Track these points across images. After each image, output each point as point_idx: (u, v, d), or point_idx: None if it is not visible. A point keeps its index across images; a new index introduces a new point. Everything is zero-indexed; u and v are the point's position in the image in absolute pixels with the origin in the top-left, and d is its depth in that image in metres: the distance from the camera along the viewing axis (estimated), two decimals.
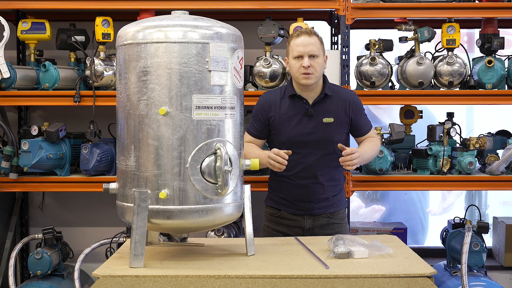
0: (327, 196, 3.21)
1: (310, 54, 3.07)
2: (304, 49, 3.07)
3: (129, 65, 2.40)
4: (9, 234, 4.12)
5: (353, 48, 4.05)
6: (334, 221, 3.23)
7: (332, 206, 3.23)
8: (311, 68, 3.07)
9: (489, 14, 3.88)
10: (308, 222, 3.21)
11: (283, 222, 3.24)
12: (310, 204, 3.19)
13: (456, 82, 3.88)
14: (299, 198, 3.19)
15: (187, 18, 2.44)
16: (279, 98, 3.20)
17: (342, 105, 3.17)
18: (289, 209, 3.22)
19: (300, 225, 3.21)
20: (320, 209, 3.21)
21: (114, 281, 2.27)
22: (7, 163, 3.75)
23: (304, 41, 3.08)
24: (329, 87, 3.19)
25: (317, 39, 3.11)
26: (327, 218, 3.22)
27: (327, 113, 3.15)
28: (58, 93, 3.80)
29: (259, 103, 3.26)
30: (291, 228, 3.21)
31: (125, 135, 2.44)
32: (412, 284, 2.28)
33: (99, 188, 2.61)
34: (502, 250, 4.39)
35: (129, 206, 2.42)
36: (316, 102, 3.15)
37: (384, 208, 5.00)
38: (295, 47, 3.10)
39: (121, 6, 3.83)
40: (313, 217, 3.21)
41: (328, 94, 3.16)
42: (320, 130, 3.12)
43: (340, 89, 3.29)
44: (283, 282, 2.27)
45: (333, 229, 3.18)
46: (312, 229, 3.20)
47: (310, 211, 3.20)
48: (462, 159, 3.79)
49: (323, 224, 3.21)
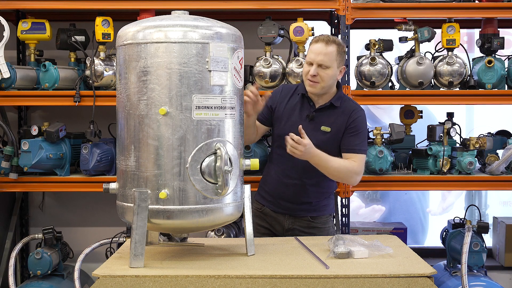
0: (311, 201, 3.19)
1: (319, 64, 3.01)
2: (315, 57, 3.01)
3: (129, 65, 2.41)
4: (9, 234, 4.11)
5: (353, 48, 4.06)
6: (315, 225, 3.22)
7: (315, 210, 3.21)
8: (317, 77, 3.02)
9: (489, 14, 3.88)
10: (288, 222, 3.21)
11: (265, 218, 3.25)
12: (292, 204, 3.18)
13: (456, 82, 3.88)
14: (282, 196, 3.18)
15: (187, 18, 2.44)
16: (291, 93, 3.20)
17: (344, 118, 3.11)
18: (271, 205, 3.22)
19: (281, 223, 3.21)
20: (301, 211, 3.20)
21: (114, 281, 2.27)
22: (7, 163, 3.74)
23: (318, 49, 3.01)
24: (339, 98, 3.13)
25: (334, 49, 3.01)
26: (307, 221, 3.21)
27: (327, 122, 3.11)
28: (58, 93, 3.79)
29: (274, 90, 3.28)
30: (273, 225, 3.23)
31: (125, 135, 2.44)
32: (412, 284, 2.28)
33: (99, 188, 2.61)
34: (502, 250, 4.39)
35: (129, 206, 2.42)
36: (321, 108, 3.13)
37: (384, 208, 5.00)
38: (309, 52, 3.06)
39: (121, 6, 3.83)
40: (293, 218, 3.20)
41: (335, 105, 3.11)
42: (315, 136, 3.06)
43: (351, 104, 3.17)
44: (283, 282, 2.27)
45: (313, 233, 3.17)
46: (292, 230, 3.20)
47: (291, 211, 3.20)
48: (462, 159, 3.79)
49: (303, 225, 3.21)
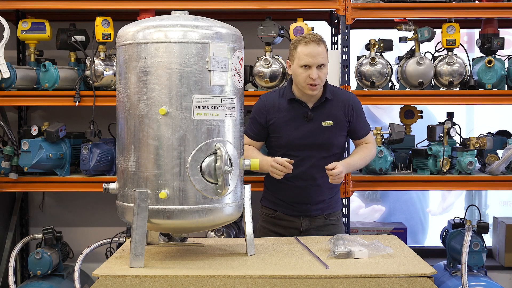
0: (324, 198, 3.20)
1: (319, 65, 3.00)
2: (314, 60, 2.99)
3: (129, 65, 2.40)
4: (9, 234, 4.11)
5: (353, 48, 4.05)
6: (330, 222, 3.23)
7: (329, 207, 3.23)
8: (318, 79, 3.01)
9: (489, 14, 3.88)
10: (304, 224, 3.20)
11: (279, 223, 3.23)
12: (307, 205, 3.18)
13: (456, 82, 3.88)
14: (296, 199, 3.18)
15: (187, 18, 2.44)
16: (278, 101, 3.14)
17: (341, 107, 3.13)
18: (285, 210, 3.22)
19: (297, 226, 3.21)
20: (316, 210, 3.20)
21: (114, 281, 2.27)
22: (7, 163, 3.74)
23: (314, 51, 2.99)
24: (329, 90, 3.14)
25: (324, 47, 3.02)
26: (323, 219, 3.22)
27: (327, 117, 3.12)
28: (58, 93, 3.80)
29: (257, 106, 3.19)
30: (287, 229, 3.21)
31: (125, 135, 2.44)
32: (412, 284, 2.28)
33: (99, 188, 2.61)
34: (502, 250, 4.39)
35: (129, 206, 2.42)
36: (316, 105, 3.13)
37: (384, 208, 5.00)
38: (303, 56, 3.00)
39: (121, 6, 3.83)
40: (309, 218, 3.20)
41: (329, 98, 3.12)
42: (319, 134, 3.10)
43: (340, 91, 3.25)
44: (283, 282, 2.27)
45: (329, 230, 3.18)
46: (309, 230, 3.20)
47: (306, 212, 3.20)
48: (462, 159, 3.79)
49: (319, 225, 3.21)
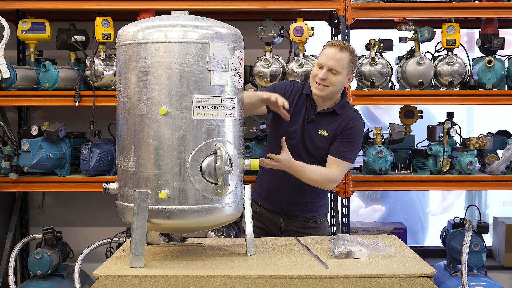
0: (307, 201, 3.19)
1: (330, 68, 2.99)
2: (327, 61, 2.98)
3: (129, 65, 2.41)
4: (9, 234, 4.11)
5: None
6: (310, 225, 3.22)
7: (309, 211, 3.21)
8: (326, 81, 3.00)
9: (489, 14, 3.88)
10: (284, 223, 3.20)
11: (261, 219, 3.24)
12: (289, 204, 3.18)
13: (456, 82, 3.88)
14: (279, 195, 3.17)
15: (187, 18, 2.44)
16: (298, 92, 3.15)
17: (342, 124, 3.09)
18: (266, 204, 3.21)
19: (277, 224, 3.21)
20: (296, 211, 3.20)
21: (114, 281, 2.27)
22: (7, 163, 3.74)
23: (331, 54, 2.98)
24: (342, 106, 3.11)
25: (347, 56, 2.99)
26: (303, 221, 3.21)
27: (325, 127, 3.10)
28: (58, 93, 3.79)
29: (282, 83, 3.25)
30: (268, 227, 3.23)
31: (125, 135, 2.44)
32: (412, 284, 2.28)
33: (99, 188, 2.61)
34: (502, 250, 4.39)
35: (129, 206, 2.42)
36: (322, 112, 3.12)
37: (384, 208, 5.00)
38: (321, 55, 3.03)
39: (121, 6, 3.83)
40: (289, 218, 3.20)
41: (337, 113, 3.09)
42: (312, 138, 3.09)
43: (352, 111, 3.14)
44: (283, 282, 2.27)
45: (309, 233, 3.16)
46: (288, 230, 3.20)
47: (287, 211, 3.19)
48: (462, 159, 3.79)
49: (298, 226, 3.21)
